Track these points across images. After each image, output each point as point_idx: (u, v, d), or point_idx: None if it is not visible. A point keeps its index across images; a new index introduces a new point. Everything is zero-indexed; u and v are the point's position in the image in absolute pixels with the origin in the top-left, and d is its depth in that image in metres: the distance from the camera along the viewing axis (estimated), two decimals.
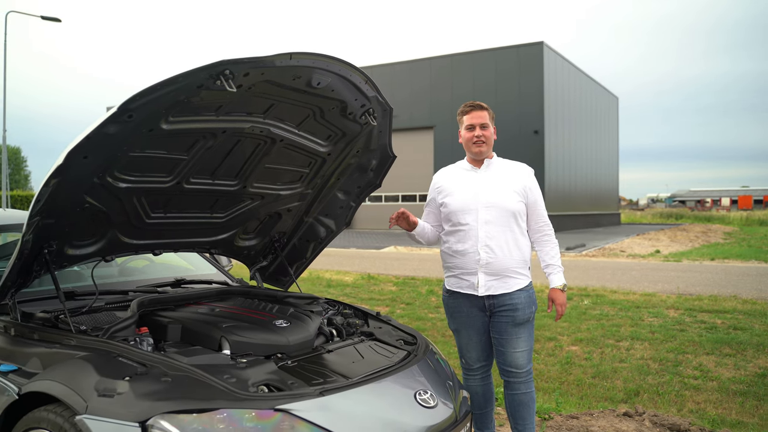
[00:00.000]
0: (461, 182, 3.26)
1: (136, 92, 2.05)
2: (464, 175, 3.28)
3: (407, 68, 29.91)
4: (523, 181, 3.22)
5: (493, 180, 3.21)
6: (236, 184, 3.03)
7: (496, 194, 3.16)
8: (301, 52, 2.34)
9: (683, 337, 6.51)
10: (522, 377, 3.16)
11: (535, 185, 3.27)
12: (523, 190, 3.20)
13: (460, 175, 3.30)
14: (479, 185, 3.20)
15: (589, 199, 32.93)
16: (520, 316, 3.12)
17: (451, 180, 3.31)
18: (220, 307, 2.94)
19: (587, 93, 33.17)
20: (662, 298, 9.05)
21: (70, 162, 2.15)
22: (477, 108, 3.24)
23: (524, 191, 3.21)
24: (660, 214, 49.20)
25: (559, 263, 3.23)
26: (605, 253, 17.46)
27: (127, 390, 2.02)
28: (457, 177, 3.30)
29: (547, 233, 3.26)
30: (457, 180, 3.28)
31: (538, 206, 3.24)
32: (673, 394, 4.78)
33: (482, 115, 3.22)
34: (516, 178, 3.22)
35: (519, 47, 27.09)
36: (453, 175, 3.33)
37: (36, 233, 2.38)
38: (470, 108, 3.26)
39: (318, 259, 15.39)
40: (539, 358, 5.99)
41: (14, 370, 2.36)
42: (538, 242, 3.27)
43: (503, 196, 3.15)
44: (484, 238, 3.13)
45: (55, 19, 23.05)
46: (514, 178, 3.22)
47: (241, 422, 1.98)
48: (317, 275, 11.89)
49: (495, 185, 3.19)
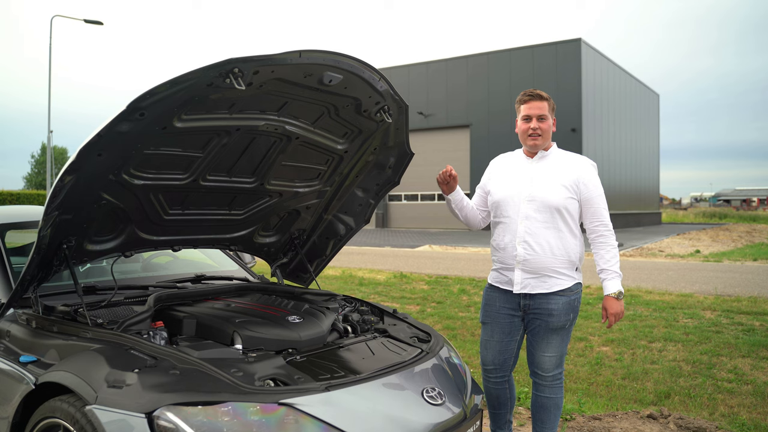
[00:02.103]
0: (510, 172, 3.10)
1: (146, 90, 2.09)
2: (516, 165, 3.11)
3: (443, 67, 29.78)
4: (577, 174, 2.97)
5: (542, 173, 3.01)
6: (253, 181, 3.07)
7: (541, 188, 2.97)
8: (310, 50, 2.35)
9: (719, 339, 6.34)
10: (547, 381, 3.05)
11: (593, 181, 2.99)
12: (574, 184, 2.96)
13: (513, 164, 3.13)
14: (526, 177, 3.03)
15: (628, 198, 32.29)
16: (555, 322, 2.97)
17: (502, 168, 3.16)
18: (236, 302, 2.98)
19: (627, 90, 32.52)
20: (699, 299, 8.82)
21: (85, 159, 2.20)
22: (536, 98, 3.02)
23: (576, 186, 2.96)
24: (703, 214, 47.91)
25: (616, 268, 2.95)
26: (643, 252, 17.11)
27: (135, 381, 2.06)
28: (509, 166, 3.14)
29: (602, 234, 2.98)
30: (507, 169, 3.13)
31: (593, 204, 2.97)
32: (705, 397, 4.65)
33: (541, 106, 3.01)
34: (569, 172, 2.98)
35: (557, 44, 26.72)
36: (506, 164, 3.17)
37: (54, 228, 2.44)
38: (529, 97, 3.04)
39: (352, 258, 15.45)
40: (568, 359, 5.91)
41: (33, 361, 2.44)
42: (593, 243, 3.01)
43: (547, 191, 2.95)
44: (523, 234, 2.97)
45: (98, 22, 23.67)
46: (567, 172, 2.98)
47: (246, 415, 2.01)
48: (350, 273, 11.93)
49: (542, 178, 2.99)
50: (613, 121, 30.04)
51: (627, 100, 32.56)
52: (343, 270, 12.41)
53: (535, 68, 26.88)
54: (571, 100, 25.83)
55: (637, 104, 34.46)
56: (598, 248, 3.00)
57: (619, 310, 2.94)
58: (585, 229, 3.09)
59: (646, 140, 36.15)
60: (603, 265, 2.97)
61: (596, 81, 27.72)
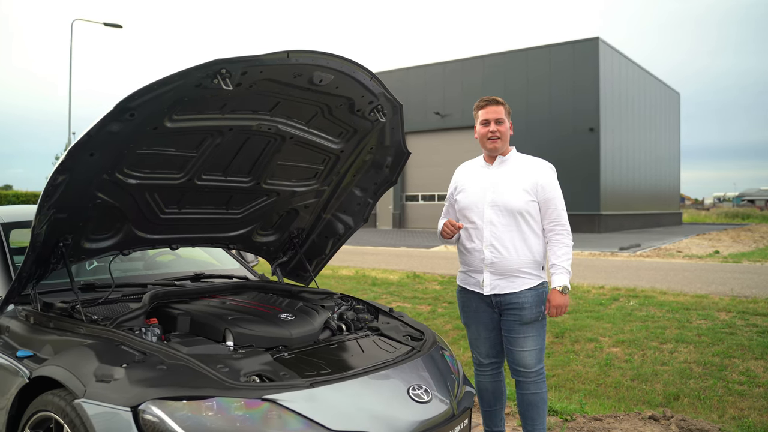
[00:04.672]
0: (474, 179, 3.23)
1: (134, 91, 2.13)
2: (478, 172, 3.25)
3: (460, 67, 29.69)
4: (535, 178, 3.11)
5: (502, 178, 3.15)
6: (249, 180, 3.10)
7: (502, 193, 3.10)
8: (298, 50, 2.37)
9: (732, 341, 6.24)
10: (531, 377, 3.11)
11: (550, 183, 3.13)
12: (534, 188, 3.10)
13: (475, 171, 3.27)
14: (488, 183, 3.16)
15: (648, 199, 31.91)
16: (527, 315, 3.08)
17: (466, 176, 3.29)
18: (231, 300, 3.02)
19: (646, 89, 32.14)
20: (714, 300, 8.69)
21: (76, 159, 2.25)
22: (492, 103, 3.19)
23: (535, 189, 3.10)
24: (725, 214, 47.11)
25: (566, 265, 3.08)
26: (660, 253, 16.89)
27: (122, 376, 2.11)
28: (472, 173, 3.27)
29: (558, 233, 3.12)
30: (471, 176, 3.26)
31: (550, 205, 3.11)
32: (716, 399, 4.60)
33: (498, 110, 3.16)
34: (528, 176, 3.12)
35: (574, 43, 26.50)
36: (469, 172, 3.30)
37: (49, 227, 2.50)
38: (486, 103, 3.21)
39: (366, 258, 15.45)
40: (577, 359, 5.87)
41: (30, 356, 2.50)
42: (549, 242, 3.15)
43: (509, 195, 3.09)
44: (489, 238, 3.10)
45: (117, 25, 24.00)
46: (527, 176, 3.12)
47: (229, 410, 2.04)
48: (363, 273, 11.95)
49: (503, 183, 3.13)
50: (632, 120, 29.72)
51: (647, 98, 32.18)
52: (357, 270, 12.44)
53: (552, 67, 26.68)
54: (589, 100, 25.60)
55: (657, 103, 34.05)
56: (551, 245, 3.13)
57: (562, 303, 3.06)
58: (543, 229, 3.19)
59: (666, 139, 35.70)
60: (554, 260, 3.11)
61: (615, 80, 27.44)
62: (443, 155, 27.54)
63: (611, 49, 27.16)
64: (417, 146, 29.44)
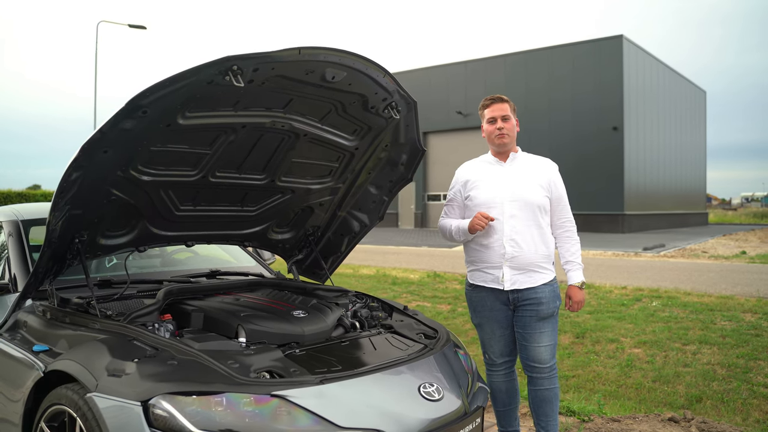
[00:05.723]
0: (487, 176, 3.24)
1: (145, 88, 2.14)
2: (489, 169, 3.27)
3: (481, 66, 29.53)
4: (548, 175, 3.22)
5: (518, 174, 3.20)
6: (264, 178, 3.10)
7: (522, 188, 3.15)
8: (310, 47, 2.37)
9: (757, 343, 6.11)
10: (546, 372, 3.12)
11: (560, 181, 3.27)
12: (548, 184, 3.20)
13: (486, 168, 3.28)
14: (505, 179, 3.20)
15: (673, 198, 31.43)
16: (545, 310, 3.10)
17: (476, 173, 3.28)
18: (246, 297, 3.03)
19: (671, 87, 31.66)
20: (740, 301, 8.52)
21: (89, 156, 2.27)
22: (498, 101, 3.25)
23: (549, 186, 3.20)
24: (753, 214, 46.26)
25: (579, 261, 3.23)
26: (685, 253, 16.62)
27: (134, 371, 2.12)
28: (483, 170, 3.28)
29: (569, 229, 3.25)
30: (482, 173, 3.26)
31: (562, 202, 3.24)
32: (740, 402, 4.51)
33: (503, 108, 3.22)
34: (541, 173, 3.22)
35: (598, 41, 26.20)
36: (478, 169, 3.31)
37: (65, 223, 2.53)
38: (491, 101, 3.26)
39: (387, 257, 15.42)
40: (598, 360, 5.80)
41: (46, 350, 2.54)
42: (559, 238, 3.26)
43: (529, 190, 3.15)
44: (510, 232, 3.12)
45: (141, 26, 24.31)
46: (540, 173, 3.22)
47: (239, 406, 2.04)
48: (384, 273, 11.95)
49: (521, 179, 3.18)
50: (656, 118, 29.30)
51: (672, 97, 31.71)
52: (378, 269, 12.44)
53: (576, 66, 26.41)
54: (613, 98, 25.30)
55: (682, 101, 33.53)
56: (564, 242, 3.25)
57: (582, 298, 3.21)
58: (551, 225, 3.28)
59: (692, 138, 35.14)
60: (569, 257, 3.23)
61: (639, 78, 27.08)
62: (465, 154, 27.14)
63: (635, 47, 26.80)
64: (439, 146, 29.35)
